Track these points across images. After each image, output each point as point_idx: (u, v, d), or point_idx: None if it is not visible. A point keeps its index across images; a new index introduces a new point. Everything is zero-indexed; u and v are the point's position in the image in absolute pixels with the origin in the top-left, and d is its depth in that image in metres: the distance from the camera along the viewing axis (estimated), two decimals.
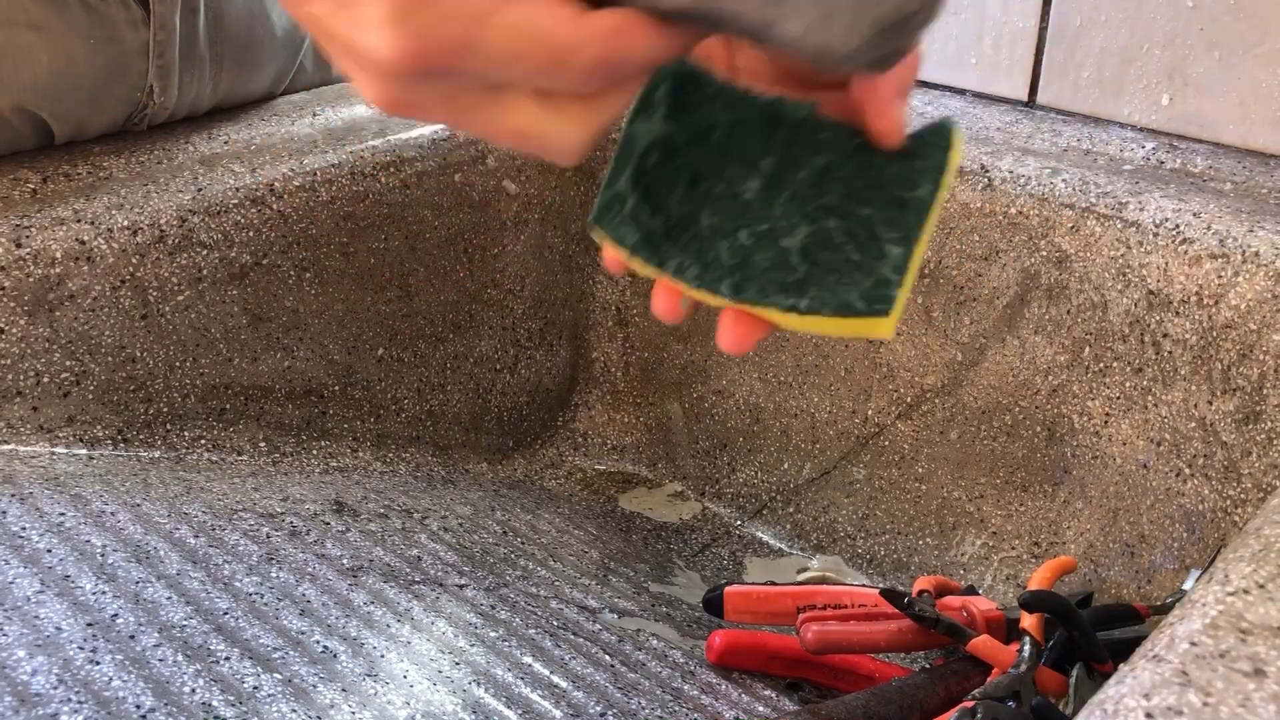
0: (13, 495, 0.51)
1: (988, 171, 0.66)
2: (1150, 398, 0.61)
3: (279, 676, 0.44)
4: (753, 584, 0.58)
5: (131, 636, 0.44)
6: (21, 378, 0.56)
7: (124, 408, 0.59)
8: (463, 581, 0.56)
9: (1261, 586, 0.34)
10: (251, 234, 0.63)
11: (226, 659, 0.44)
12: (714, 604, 0.58)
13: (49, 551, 0.48)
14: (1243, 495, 0.56)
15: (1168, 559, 0.59)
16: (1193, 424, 0.58)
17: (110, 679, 0.41)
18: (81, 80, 0.63)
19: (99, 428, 0.59)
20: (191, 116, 0.72)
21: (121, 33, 0.65)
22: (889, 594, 0.53)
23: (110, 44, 0.64)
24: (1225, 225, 0.58)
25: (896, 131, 0.33)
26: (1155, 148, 0.67)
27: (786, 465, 0.78)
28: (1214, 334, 0.57)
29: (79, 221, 0.58)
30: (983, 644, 0.51)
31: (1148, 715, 0.29)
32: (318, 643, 0.47)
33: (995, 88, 0.76)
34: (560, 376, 0.84)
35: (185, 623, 0.45)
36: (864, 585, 0.69)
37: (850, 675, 0.56)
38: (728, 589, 0.58)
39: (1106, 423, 0.63)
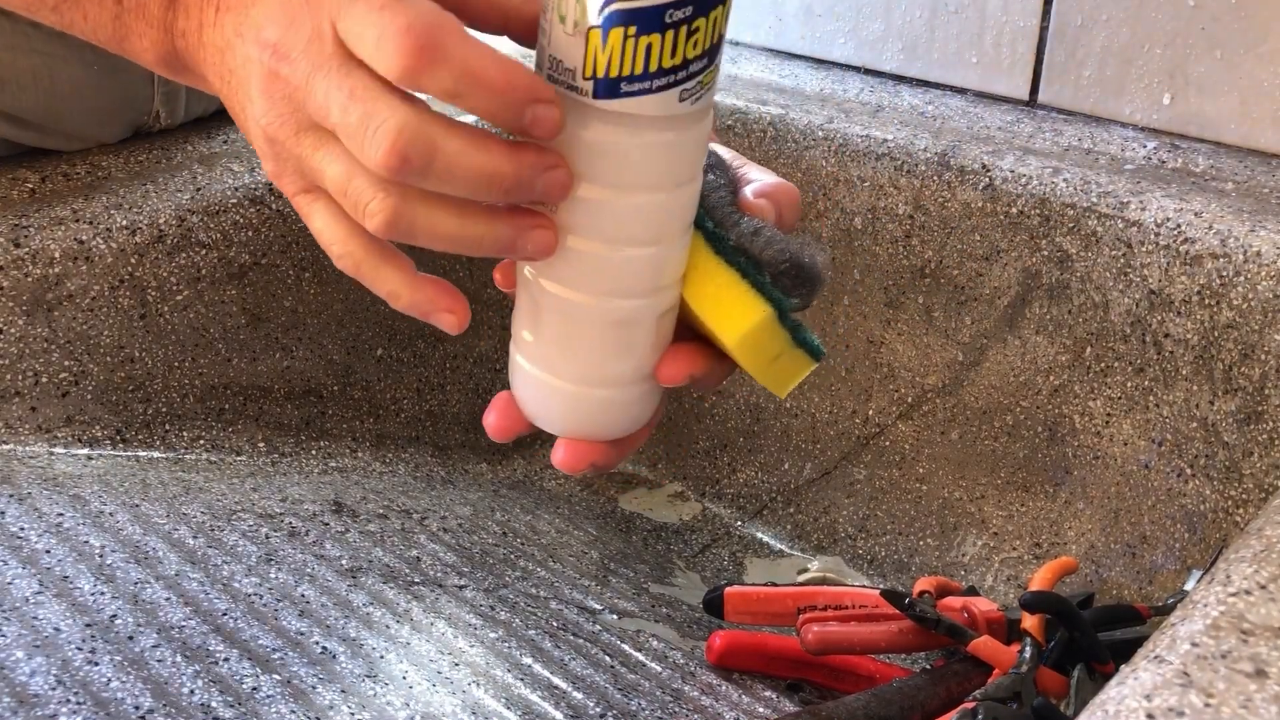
0: (11, 495, 0.51)
1: (989, 171, 0.66)
2: (1152, 398, 0.61)
3: (278, 677, 0.44)
4: (753, 585, 0.58)
5: (130, 637, 0.44)
6: (20, 378, 0.56)
7: (123, 408, 0.59)
8: (462, 582, 0.56)
9: (1263, 587, 0.33)
10: (250, 234, 0.63)
11: (225, 660, 0.44)
12: (714, 605, 0.57)
13: (48, 552, 0.48)
14: (1244, 495, 0.56)
15: (1169, 559, 0.59)
16: (1194, 424, 0.58)
17: (109, 680, 0.41)
18: (86, 105, 0.63)
19: (97, 428, 0.58)
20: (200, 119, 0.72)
21: (125, 61, 0.64)
22: (890, 595, 0.53)
23: (115, 73, 0.64)
24: (1227, 225, 0.58)
25: None
26: (1156, 147, 0.67)
27: (787, 465, 0.78)
28: (1215, 334, 0.57)
29: (77, 221, 0.58)
30: (983, 645, 0.51)
31: (1149, 716, 0.29)
32: (317, 643, 0.47)
33: (996, 87, 0.76)
34: None
35: (184, 623, 0.45)
36: (864, 586, 0.69)
37: (851, 676, 0.56)
38: (728, 590, 0.57)
39: (1108, 423, 0.63)
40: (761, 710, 0.52)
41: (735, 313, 0.37)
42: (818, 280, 0.38)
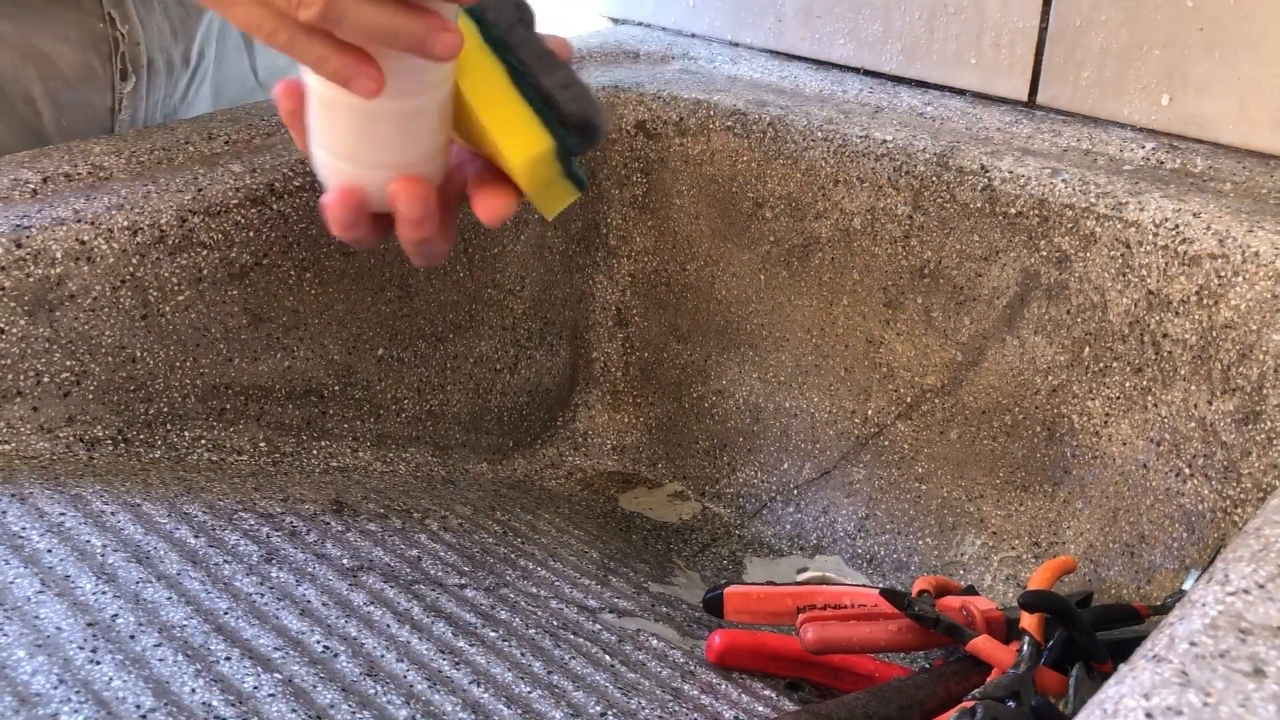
0: (13, 495, 0.51)
1: (987, 171, 0.66)
2: (1150, 398, 0.61)
3: (279, 676, 0.44)
4: (753, 584, 0.58)
5: (131, 636, 0.44)
6: (21, 378, 0.56)
7: (124, 408, 0.60)
8: (462, 581, 0.56)
9: (1261, 586, 0.34)
10: (251, 234, 0.63)
11: (226, 659, 0.44)
12: (714, 604, 0.58)
13: (49, 551, 0.48)
14: (1242, 495, 0.56)
15: (1167, 559, 0.59)
16: (1192, 424, 0.58)
17: (110, 679, 0.41)
18: (45, 19, 0.65)
19: (99, 428, 0.59)
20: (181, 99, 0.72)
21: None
22: (889, 594, 0.53)
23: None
24: (1225, 225, 0.58)
25: None
26: (1155, 148, 0.67)
27: (786, 465, 0.78)
28: (1214, 334, 0.57)
29: (79, 221, 0.58)
30: (982, 644, 0.51)
31: (1147, 715, 0.29)
32: (318, 642, 0.47)
33: (995, 88, 0.76)
34: (560, 376, 0.84)
35: (185, 623, 0.45)
36: (864, 585, 0.69)
37: (850, 675, 0.56)
38: (728, 589, 0.58)
39: (1106, 423, 0.63)
40: (761, 709, 0.53)
41: (523, 141, 0.46)
42: (600, 136, 0.47)
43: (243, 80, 0.84)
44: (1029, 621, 0.50)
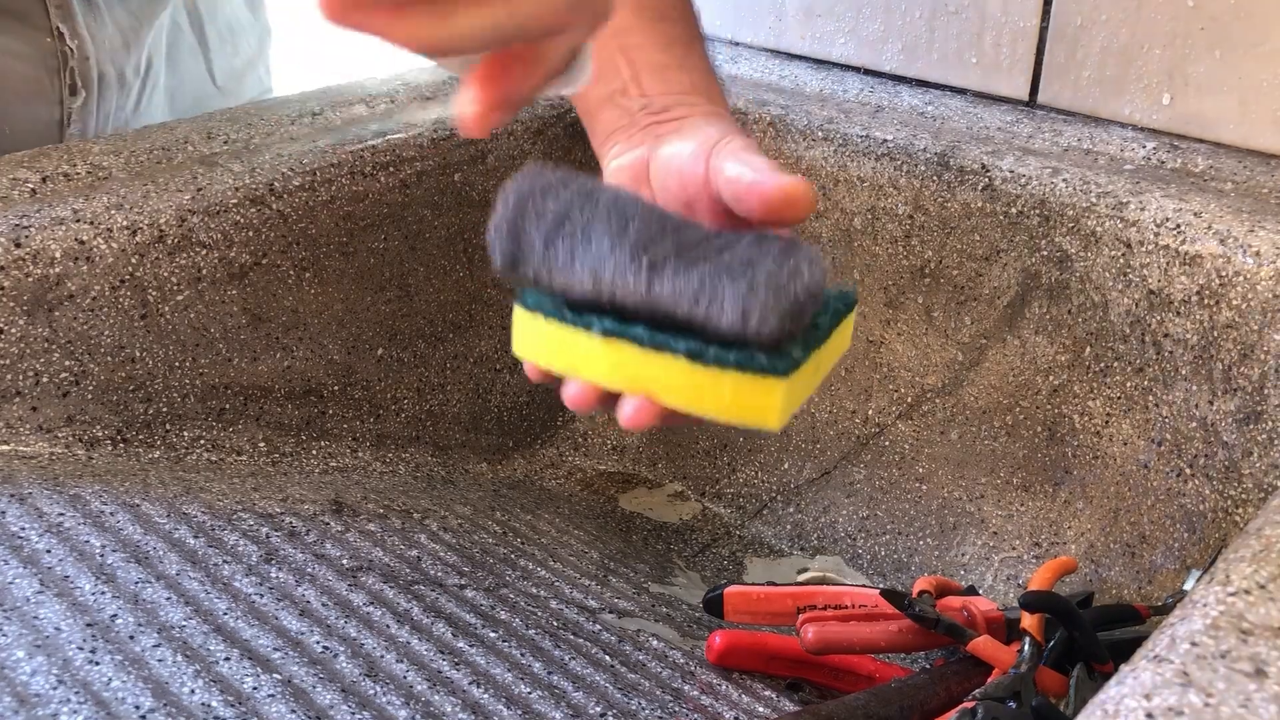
0: (12, 495, 0.51)
1: (988, 171, 0.66)
2: (1151, 398, 0.61)
3: (278, 677, 0.44)
4: (753, 584, 0.58)
5: (131, 637, 0.44)
6: (21, 378, 0.56)
7: (123, 408, 0.59)
8: (462, 582, 0.56)
9: (1262, 587, 0.34)
10: (251, 234, 0.63)
11: (226, 659, 0.44)
12: (714, 604, 0.57)
13: (48, 552, 0.48)
14: (1244, 495, 0.56)
15: (1168, 559, 0.59)
16: (1194, 424, 0.58)
17: (109, 679, 0.41)
18: None
19: (98, 428, 0.58)
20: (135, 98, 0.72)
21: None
22: (889, 594, 0.53)
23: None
24: (1226, 225, 0.58)
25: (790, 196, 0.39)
26: (1156, 147, 0.67)
27: (786, 465, 0.78)
28: (1215, 334, 0.57)
29: (78, 221, 0.58)
30: (983, 644, 0.51)
31: (1148, 715, 0.29)
32: (317, 643, 0.47)
33: (996, 87, 0.76)
34: None
35: (184, 623, 0.45)
36: (864, 585, 0.69)
37: (850, 675, 0.56)
38: (728, 589, 0.57)
39: (1107, 423, 0.63)
40: (761, 710, 0.53)
41: (758, 405, 0.36)
42: (812, 303, 0.36)
43: (199, 85, 0.83)
44: (1030, 622, 0.50)
